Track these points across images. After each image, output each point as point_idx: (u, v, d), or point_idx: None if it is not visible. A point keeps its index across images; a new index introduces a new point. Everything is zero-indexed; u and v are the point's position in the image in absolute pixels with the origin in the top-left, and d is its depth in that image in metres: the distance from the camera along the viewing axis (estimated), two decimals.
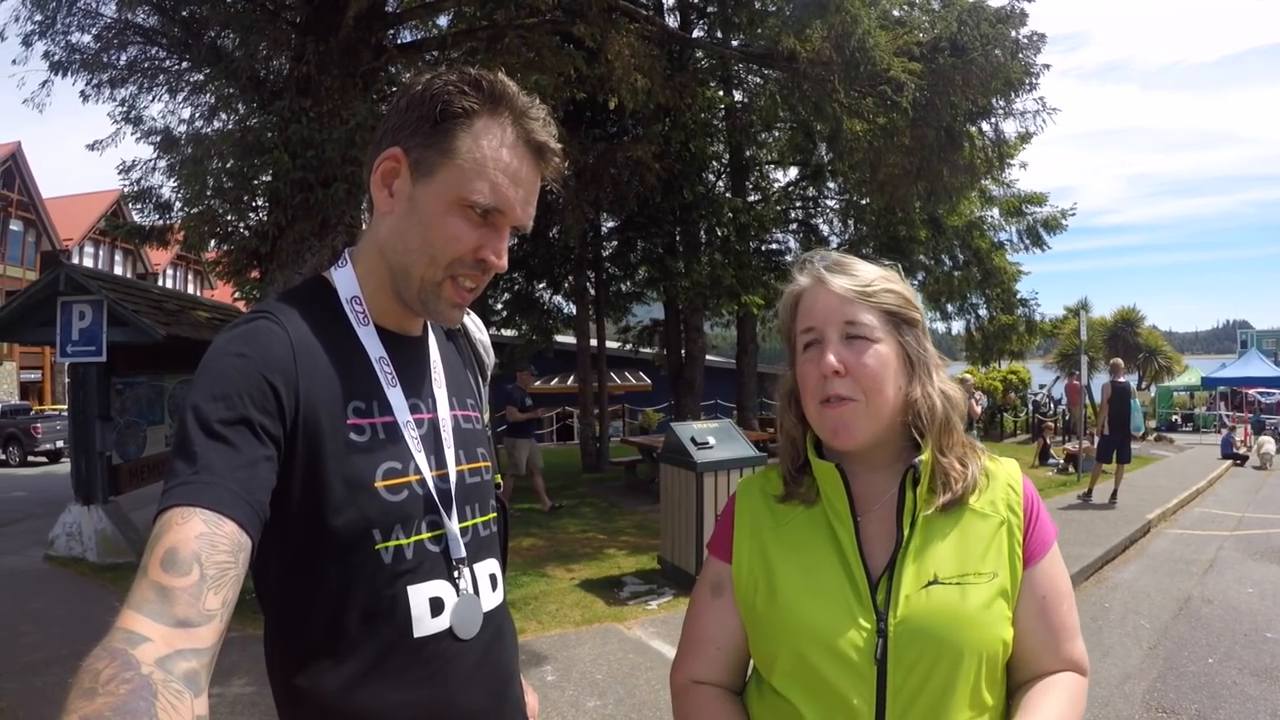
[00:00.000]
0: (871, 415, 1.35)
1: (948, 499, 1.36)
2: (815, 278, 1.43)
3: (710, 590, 1.52)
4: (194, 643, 0.93)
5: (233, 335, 1.23)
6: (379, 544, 1.26)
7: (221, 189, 9.06)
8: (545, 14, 9.71)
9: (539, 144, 1.34)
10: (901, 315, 1.40)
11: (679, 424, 8.80)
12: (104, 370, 10.16)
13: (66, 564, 9.66)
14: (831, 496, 1.40)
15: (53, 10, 10.01)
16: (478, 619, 1.37)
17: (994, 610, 1.31)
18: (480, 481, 1.49)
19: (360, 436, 1.27)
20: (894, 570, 1.33)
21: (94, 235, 43.04)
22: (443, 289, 1.34)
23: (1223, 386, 33.67)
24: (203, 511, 1.02)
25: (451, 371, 1.53)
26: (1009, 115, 12.79)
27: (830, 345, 1.36)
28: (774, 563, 1.42)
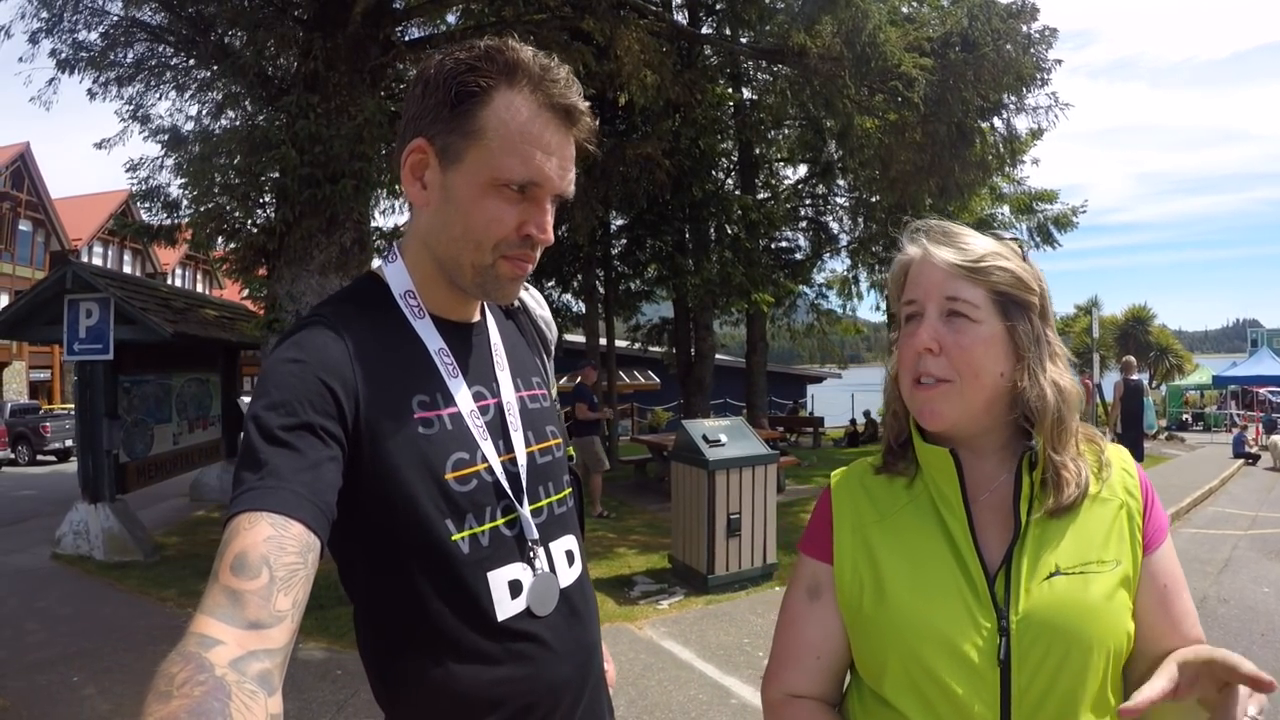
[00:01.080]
0: (964, 399, 1.27)
1: (1057, 503, 1.26)
2: (921, 248, 1.34)
3: (807, 593, 1.42)
4: (266, 644, 0.94)
5: (288, 343, 1.23)
6: (454, 535, 1.27)
7: (229, 186, 9.04)
8: (553, 10, 9.69)
9: (565, 107, 1.29)
10: (1011, 295, 1.29)
11: (690, 422, 8.74)
12: (111, 368, 10.14)
13: (73, 562, 9.65)
14: (941, 484, 1.32)
15: (59, 8, 10.00)
16: (554, 596, 1.37)
17: (1117, 600, 1.24)
18: (552, 460, 1.49)
19: (428, 430, 1.27)
20: (1011, 562, 1.25)
21: (103, 235, 43.17)
22: (498, 269, 1.32)
23: (1233, 385, 33.52)
24: (269, 515, 1.02)
25: (514, 352, 1.52)
26: (1020, 111, 12.74)
27: (928, 322, 1.29)
28: (880, 559, 1.33)
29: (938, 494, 1.33)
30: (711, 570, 7.78)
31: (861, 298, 25.66)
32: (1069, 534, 1.26)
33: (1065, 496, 1.25)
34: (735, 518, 7.80)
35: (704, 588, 7.77)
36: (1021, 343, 1.28)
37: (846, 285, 25.50)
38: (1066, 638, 1.19)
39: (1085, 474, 1.28)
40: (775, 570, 8.17)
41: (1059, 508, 1.26)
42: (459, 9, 11.48)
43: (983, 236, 1.34)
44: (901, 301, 1.36)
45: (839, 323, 24.95)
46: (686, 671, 5.90)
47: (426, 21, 11.96)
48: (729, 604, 7.44)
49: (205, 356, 13.20)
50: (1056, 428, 1.27)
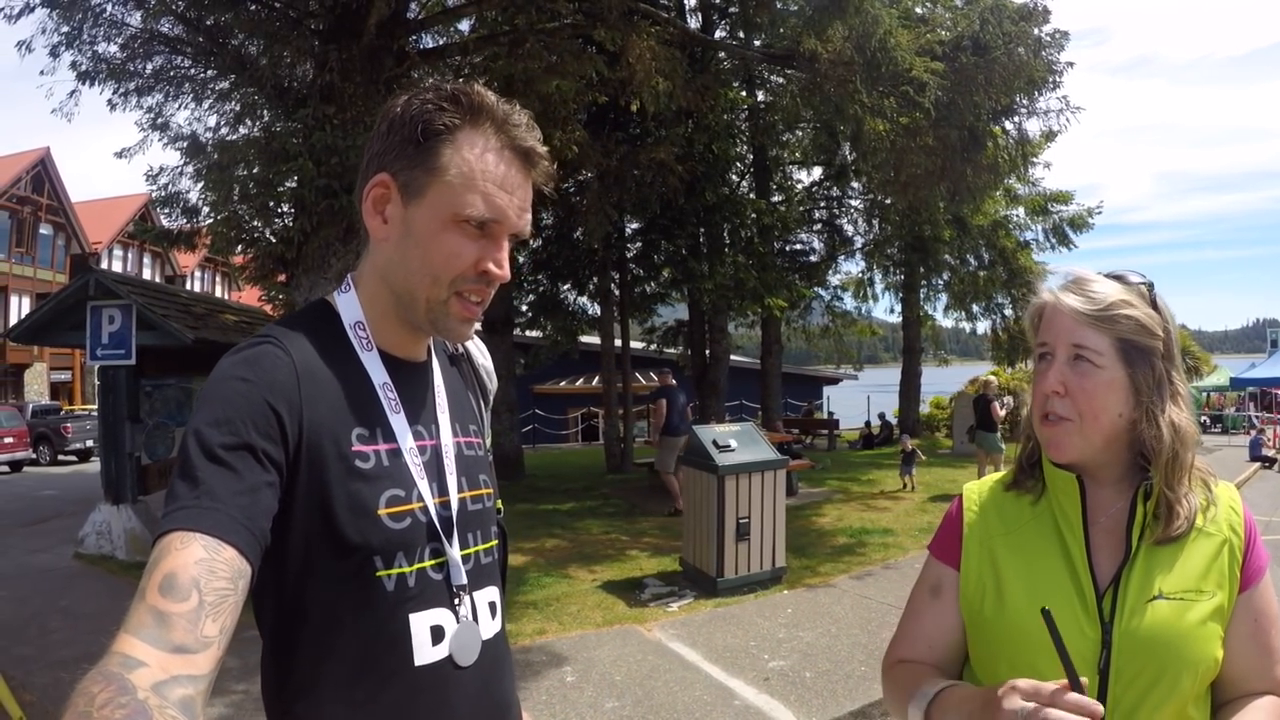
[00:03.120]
0: (1084, 436, 1.38)
1: (1165, 534, 1.37)
2: (1053, 294, 1.45)
3: (929, 591, 1.57)
4: (191, 669, 0.92)
5: (236, 360, 1.21)
6: (380, 571, 1.24)
7: (247, 195, 9.17)
8: (566, 18, 9.78)
9: (525, 149, 1.32)
10: (1135, 343, 1.39)
11: (701, 426, 8.82)
12: (133, 373, 10.31)
13: (96, 562, 9.81)
14: (1065, 504, 1.44)
15: (79, 21, 10.12)
16: (476, 646, 1.35)
17: (1209, 628, 1.34)
18: (482, 509, 1.47)
19: (365, 464, 1.25)
20: (1120, 582, 1.36)
21: (122, 239, 43.53)
22: (450, 307, 1.32)
23: (1252, 387, 33.17)
24: (203, 537, 1.00)
25: (454, 397, 1.51)
26: (1032, 114, 12.80)
27: (1056, 365, 1.40)
28: (1002, 569, 1.46)
29: (1060, 513, 1.45)
30: (720, 573, 7.85)
31: (876, 299, 25.73)
32: (1174, 563, 1.37)
33: (1174, 529, 1.37)
34: (744, 522, 7.87)
35: (713, 591, 7.84)
36: (1142, 386, 1.38)
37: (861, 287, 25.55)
38: (1162, 655, 1.31)
39: (1194, 510, 1.39)
40: (784, 574, 8.24)
41: (1166, 538, 1.37)
42: (472, 18, 11.59)
43: (1112, 282, 1.43)
44: (1036, 342, 1.47)
45: (854, 324, 25.00)
46: (692, 673, 5.97)
47: (440, 31, 12.08)
48: (737, 607, 7.51)
49: None
50: (1171, 465, 1.38)
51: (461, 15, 11.26)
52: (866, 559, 9.35)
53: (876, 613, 7.26)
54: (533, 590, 8.16)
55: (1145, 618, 1.32)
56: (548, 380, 28.88)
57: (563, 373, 28.68)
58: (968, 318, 25.21)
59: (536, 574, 8.83)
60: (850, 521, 11.50)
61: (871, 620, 7.06)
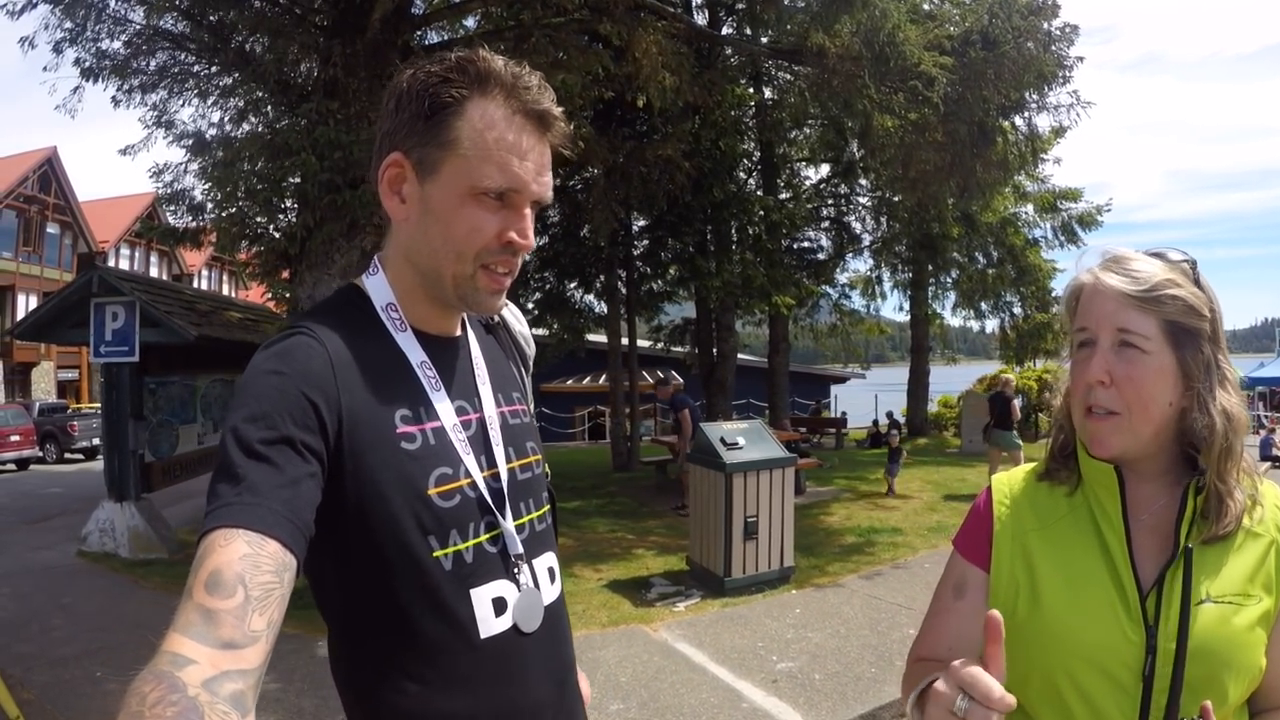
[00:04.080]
0: (1132, 430, 1.28)
1: (1220, 530, 1.27)
2: (1094, 275, 1.34)
3: (953, 590, 1.47)
4: (240, 664, 0.92)
5: (269, 354, 1.21)
6: (437, 551, 1.25)
7: (251, 191, 9.11)
8: (572, 13, 9.70)
9: (538, 112, 1.30)
10: (1183, 325, 1.28)
11: (708, 424, 8.75)
12: (137, 370, 10.31)
13: (99, 560, 9.80)
14: (1104, 498, 1.34)
15: (82, 18, 10.09)
16: (539, 612, 1.37)
17: (1256, 634, 1.25)
18: (532, 476, 1.48)
19: (411, 445, 1.26)
20: (1164, 583, 1.26)
21: (129, 238, 43.60)
22: (478, 280, 1.32)
23: (1261, 386, 33.06)
24: (246, 533, 1.01)
25: (494, 367, 1.51)
26: (1042, 109, 12.66)
27: (1099, 352, 1.29)
28: (1038, 567, 1.36)
29: (1098, 508, 1.35)
30: (728, 573, 7.78)
31: (885, 298, 25.68)
32: (1221, 565, 1.27)
33: (1224, 525, 1.27)
34: (752, 521, 7.79)
35: (721, 590, 7.77)
36: (1192, 371, 1.28)
37: (870, 285, 25.49)
38: (1210, 662, 1.21)
39: (1243, 506, 1.29)
40: (792, 574, 8.17)
41: (1214, 537, 1.27)
42: (477, 13, 11.54)
43: (1154, 261, 1.32)
44: (1074, 328, 1.37)
45: (862, 323, 24.89)
46: (699, 674, 5.90)
47: (445, 26, 12.03)
48: (745, 607, 7.43)
49: (230, 358, 13.30)
50: (1224, 456, 1.28)
51: (467, 11, 11.19)
52: (875, 559, 9.26)
53: (886, 613, 7.18)
54: None
55: (1193, 622, 1.22)
56: (554, 379, 28.88)
57: (569, 371, 28.66)
58: (976, 316, 25.15)
59: None
60: (859, 520, 11.39)
61: (881, 621, 6.98)
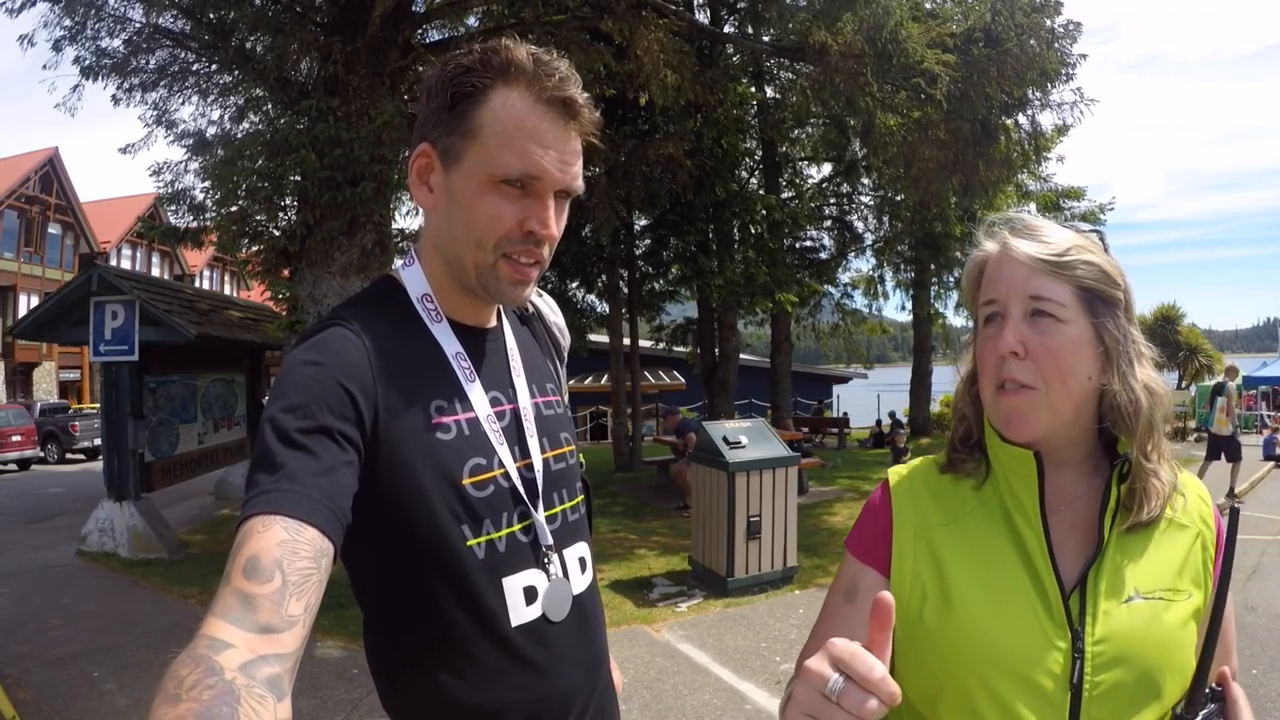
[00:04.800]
0: (1051, 406, 1.17)
1: (1145, 515, 1.19)
2: (1001, 243, 1.26)
3: (844, 595, 1.35)
4: (277, 648, 0.93)
5: (305, 345, 1.22)
6: (470, 540, 1.27)
7: (252, 189, 9.08)
8: (573, 10, 9.68)
9: (562, 99, 1.28)
10: (1098, 292, 1.20)
11: (711, 423, 8.71)
12: (137, 369, 10.28)
13: (98, 559, 9.78)
14: (1018, 490, 1.23)
15: (82, 16, 10.07)
16: (568, 602, 1.38)
17: (1187, 631, 1.18)
18: (566, 467, 1.49)
19: (446, 435, 1.27)
20: (1088, 581, 1.17)
21: (131, 238, 43.62)
22: (499, 270, 1.32)
23: (1264, 386, 33.03)
24: (283, 519, 1.01)
25: (529, 358, 1.52)
26: (1045, 107, 12.61)
27: (1011, 322, 1.19)
28: (947, 568, 1.24)
29: (1012, 500, 1.25)
30: (731, 573, 7.74)
31: (887, 297, 25.61)
32: (1147, 556, 1.20)
33: (1150, 510, 1.19)
34: (755, 520, 7.75)
35: (723, 590, 7.73)
36: (1110, 343, 1.20)
37: (872, 285, 25.43)
38: (1142, 666, 1.14)
39: (1169, 489, 1.21)
40: (795, 574, 8.13)
41: (1139, 524, 1.20)
42: (479, 11, 11.51)
43: (1063, 229, 1.25)
44: (979, 302, 1.29)
45: (864, 323, 24.86)
46: (702, 675, 5.86)
47: (446, 24, 12.00)
48: (748, 607, 7.39)
49: (230, 357, 13.31)
50: (1148, 432, 1.20)
51: (468, 8, 11.16)
52: None
53: None
54: None
55: (1122, 621, 1.14)
56: None
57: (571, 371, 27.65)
58: None
59: None
60: None
61: None
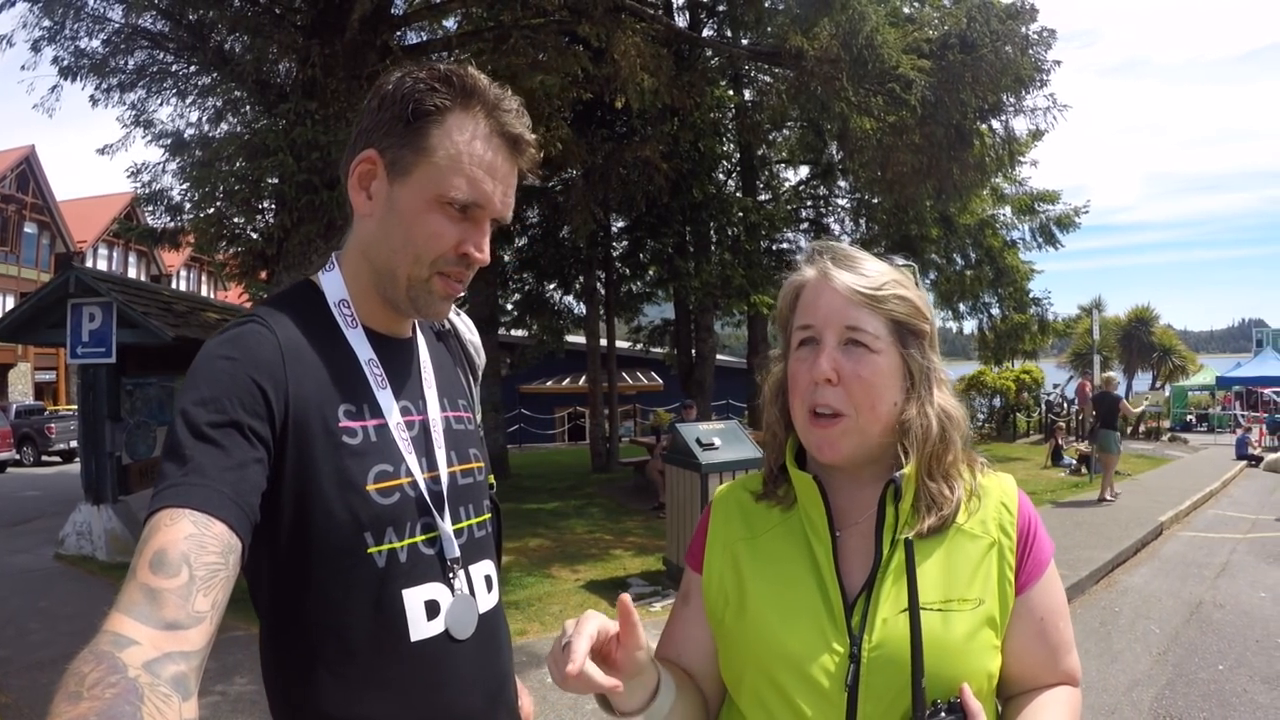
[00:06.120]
0: (860, 431, 1.24)
1: (930, 524, 1.24)
2: (821, 271, 1.29)
3: (681, 599, 1.45)
4: (183, 645, 0.92)
5: (221, 340, 1.22)
6: (371, 548, 1.25)
7: (230, 192, 9.10)
8: (551, 14, 9.72)
9: (513, 136, 1.33)
10: (909, 326, 1.27)
11: (685, 425, 8.78)
12: (114, 371, 10.26)
13: (76, 562, 9.75)
14: (809, 509, 1.30)
15: (61, 16, 10.06)
16: (473, 620, 1.36)
17: (979, 640, 1.21)
18: (473, 482, 1.48)
19: (352, 439, 1.26)
20: (872, 591, 1.22)
21: (107, 238, 43.22)
22: (431, 285, 1.33)
23: (1238, 386, 33.39)
24: (192, 513, 1.00)
25: (442, 372, 1.52)
26: (1020, 112, 12.75)
27: (826, 350, 1.24)
28: (746, 577, 1.32)
29: (806, 520, 1.31)
30: None
31: None
32: (935, 568, 1.23)
33: (932, 525, 1.25)
34: None
35: None
36: (914, 372, 1.27)
37: None
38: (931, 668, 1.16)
39: (958, 499, 1.27)
40: None
41: (933, 528, 1.25)
42: (457, 14, 11.54)
43: (880, 263, 1.31)
44: (795, 324, 1.32)
45: None
46: None
47: (425, 27, 12.03)
48: None
49: None
50: (937, 454, 1.27)
51: (446, 11, 11.20)
52: None
53: None
54: (515, 590, 8.11)
55: (899, 630, 1.18)
56: (534, 380, 28.80)
57: (549, 372, 28.60)
58: (955, 317, 25.21)
59: (519, 574, 8.79)
60: None
61: None
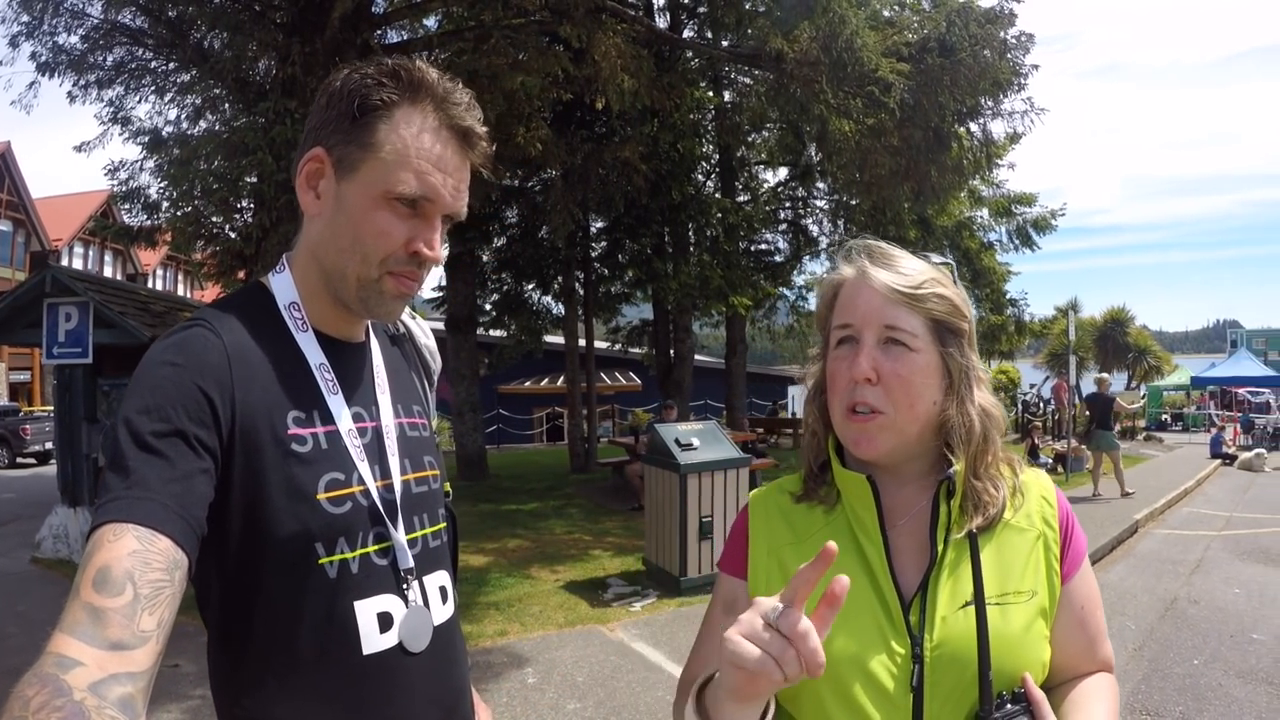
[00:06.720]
0: (898, 428, 1.24)
1: (979, 523, 1.25)
2: (859, 270, 1.29)
3: (723, 609, 1.39)
4: (129, 666, 0.89)
5: (166, 345, 1.18)
6: (323, 558, 1.21)
7: (208, 190, 9.04)
8: (532, 14, 9.70)
9: (463, 129, 1.29)
10: (947, 324, 1.27)
11: (663, 425, 8.81)
12: (90, 372, 10.15)
13: (53, 566, 9.65)
14: (859, 509, 1.30)
15: (39, 11, 9.99)
16: (428, 632, 1.31)
17: (1034, 631, 1.23)
18: (428, 491, 1.43)
19: (302, 447, 1.22)
20: (927, 590, 1.23)
21: (83, 236, 42.82)
22: (383, 285, 1.29)
23: (1212, 386, 33.78)
24: (135, 528, 0.97)
25: (396, 378, 1.47)
26: (997, 116, 12.82)
27: (865, 349, 1.24)
28: None
29: (855, 520, 1.30)
30: (684, 573, 7.84)
31: None
32: (987, 563, 1.24)
33: (982, 521, 1.25)
34: (707, 521, 7.86)
35: (676, 590, 7.83)
36: (954, 370, 1.27)
37: None
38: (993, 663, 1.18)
39: (1003, 498, 1.28)
40: None
41: (973, 532, 1.25)
42: (438, 13, 11.52)
43: (918, 260, 1.31)
44: (833, 323, 1.32)
45: None
46: (655, 673, 5.96)
47: (405, 26, 12.00)
48: (700, 606, 7.39)
49: None
50: (980, 453, 1.27)
51: (427, 10, 11.18)
52: None
53: None
54: (494, 591, 8.12)
55: (958, 626, 1.20)
56: (512, 380, 28.78)
57: (527, 373, 28.58)
58: None
59: (498, 575, 8.79)
60: None
61: None
